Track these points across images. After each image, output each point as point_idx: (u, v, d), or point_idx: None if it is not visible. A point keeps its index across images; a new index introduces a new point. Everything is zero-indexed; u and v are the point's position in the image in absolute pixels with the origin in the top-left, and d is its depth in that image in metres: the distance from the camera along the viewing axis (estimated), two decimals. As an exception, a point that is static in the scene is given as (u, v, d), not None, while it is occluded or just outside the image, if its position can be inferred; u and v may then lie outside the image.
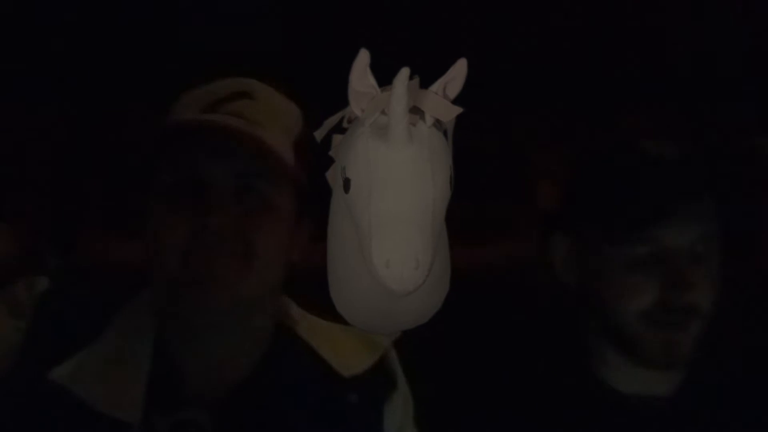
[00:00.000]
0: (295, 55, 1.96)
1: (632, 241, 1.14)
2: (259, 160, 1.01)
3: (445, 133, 0.64)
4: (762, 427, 1.17)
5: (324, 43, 1.89)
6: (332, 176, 0.66)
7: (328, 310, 1.13)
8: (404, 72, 0.58)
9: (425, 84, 0.63)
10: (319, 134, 0.64)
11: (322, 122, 0.68)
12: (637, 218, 1.12)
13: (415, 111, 0.62)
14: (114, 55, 1.94)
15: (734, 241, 1.18)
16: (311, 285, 1.13)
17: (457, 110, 0.62)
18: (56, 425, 1.00)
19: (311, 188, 1.08)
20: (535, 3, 1.88)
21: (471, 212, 1.84)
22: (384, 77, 0.61)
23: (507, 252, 1.70)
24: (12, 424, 1.00)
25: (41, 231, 1.89)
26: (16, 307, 1.06)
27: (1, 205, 1.90)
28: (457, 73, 0.63)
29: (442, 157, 0.62)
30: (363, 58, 0.60)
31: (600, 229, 1.16)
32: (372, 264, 0.61)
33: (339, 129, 0.65)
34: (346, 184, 0.62)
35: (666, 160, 1.16)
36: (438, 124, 0.63)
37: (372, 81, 0.61)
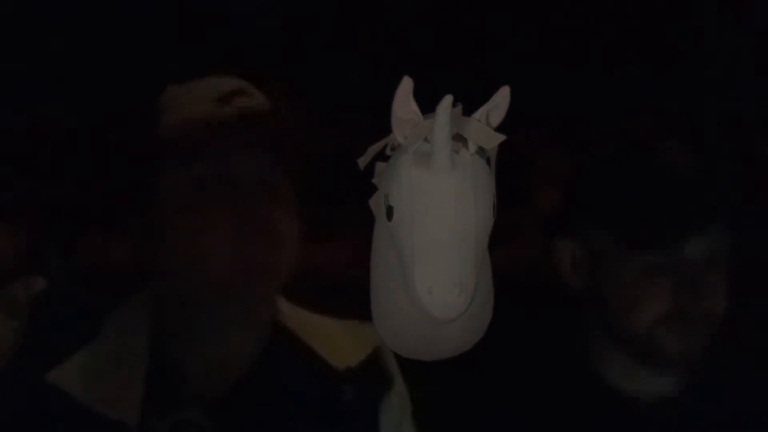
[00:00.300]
0: (295, 55, 1.95)
1: (648, 250, 1.14)
2: (277, 157, 1.01)
3: (488, 161, 0.64)
4: (764, 427, 1.18)
5: (324, 43, 1.89)
6: (375, 204, 0.66)
7: (316, 306, 1.14)
8: (447, 99, 0.59)
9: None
10: (362, 161, 0.65)
11: (322, 123, 0.68)
12: (655, 227, 1.12)
13: (458, 138, 0.62)
14: (114, 56, 1.93)
15: (745, 245, 1.19)
16: (307, 288, 1.13)
17: (500, 138, 0.62)
18: (54, 426, 1.00)
19: (309, 192, 1.08)
20: (534, 3, 1.88)
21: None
22: (385, 78, 0.61)
23: (511, 254, 1.70)
24: (9, 425, 1.00)
25: (40, 231, 1.88)
26: (14, 307, 1.06)
27: (0, 205, 1.89)
28: (501, 100, 0.63)
29: (485, 184, 0.63)
30: (406, 85, 0.61)
31: (615, 237, 1.16)
32: (414, 291, 0.61)
33: (382, 156, 0.65)
34: (389, 212, 0.63)
35: (682, 167, 1.16)
36: (481, 151, 0.63)
37: (414, 107, 0.62)
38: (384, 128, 0.63)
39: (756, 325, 1.30)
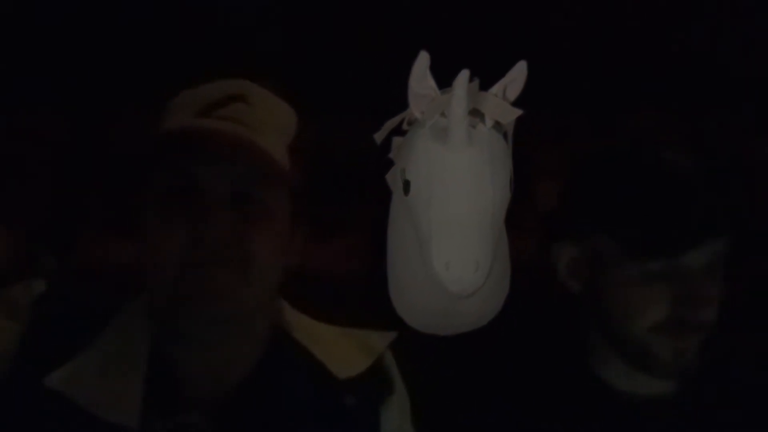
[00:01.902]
0: (295, 55, 1.96)
1: (647, 257, 1.13)
2: (254, 165, 1.01)
3: (504, 136, 0.64)
4: (761, 427, 1.18)
5: (324, 44, 1.89)
6: (392, 179, 0.66)
7: (323, 314, 1.13)
8: (464, 74, 0.58)
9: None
10: (379, 136, 0.64)
11: (321, 124, 0.68)
12: (654, 234, 1.12)
13: (475, 113, 0.62)
14: (113, 56, 1.93)
15: (743, 255, 1.19)
16: (307, 288, 1.13)
17: (517, 112, 0.62)
18: (53, 429, 0.99)
19: (307, 191, 1.08)
20: (534, 3, 1.88)
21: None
22: (383, 77, 0.61)
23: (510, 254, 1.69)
24: (9, 428, 0.99)
25: (38, 233, 1.88)
26: (14, 310, 1.06)
27: (-2, 207, 1.89)
28: (518, 74, 0.63)
29: (502, 160, 0.62)
30: (423, 59, 0.60)
31: (613, 242, 1.15)
32: (432, 266, 0.61)
33: (399, 131, 0.64)
34: (406, 187, 0.62)
35: (683, 175, 1.15)
36: (498, 126, 0.63)
37: (432, 83, 0.61)
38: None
39: (752, 332, 1.30)
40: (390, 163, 0.65)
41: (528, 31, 1.91)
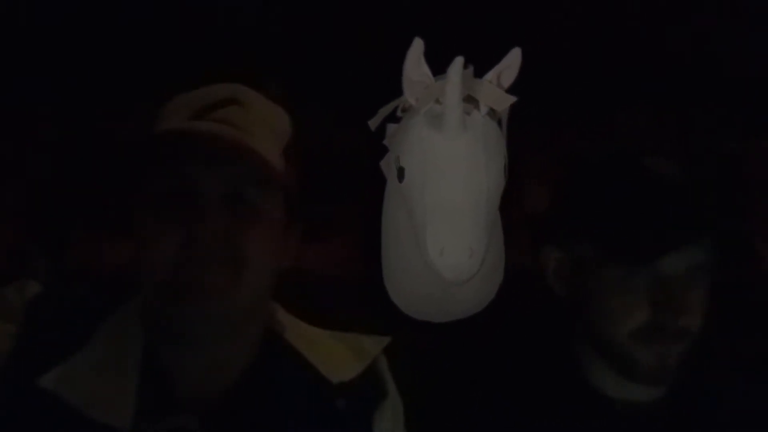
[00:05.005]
0: (290, 56, 1.96)
1: (628, 263, 1.13)
2: (247, 167, 1.01)
3: (499, 123, 0.64)
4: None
5: (319, 45, 1.90)
6: (386, 165, 0.66)
7: (316, 316, 1.13)
8: (459, 61, 0.59)
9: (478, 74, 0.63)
10: (373, 123, 0.64)
11: (319, 124, 0.68)
12: (637, 243, 1.11)
13: (470, 100, 0.62)
14: (108, 56, 1.93)
15: (725, 262, 1.18)
16: (300, 290, 1.13)
17: (511, 99, 0.62)
18: (46, 430, 0.99)
19: (300, 194, 1.08)
20: (533, 4, 1.88)
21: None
22: (381, 78, 0.62)
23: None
24: (2, 429, 0.99)
25: (32, 234, 1.88)
26: (7, 311, 1.05)
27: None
28: (512, 62, 0.63)
29: (497, 146, 0.63)
30: (417, 46, 0.61)
31: (597, 247, 1.15)
32: (426, 252, 0.61)
33: (393, 118, 0.65)
34: (401, 173, 0.63)
35: (667, 182, 1.15)
36: (492, 113, 0.63)
37: (426, 70, 0.62)
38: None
39: (735, 338, 1.30)
40: (384, 150, 0.66)
41: (522, 21, 1.90)
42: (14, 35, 1.84)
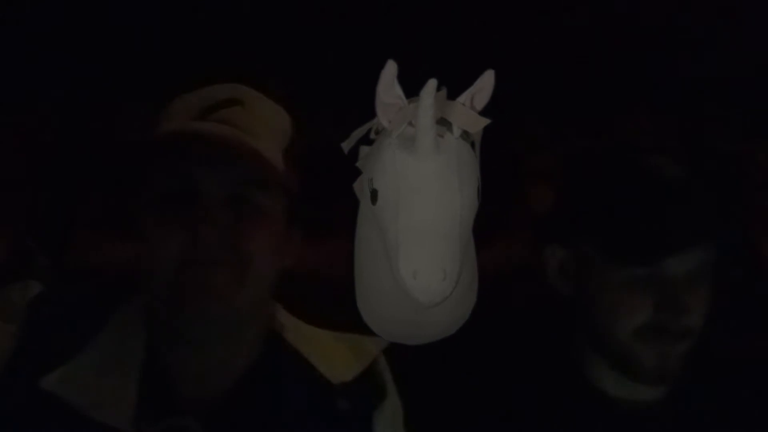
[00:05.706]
0: (290, 57, 1.96)
1: (632, 263, 1.13)
2: (250, 168, 1.01)
3: (472, 145, 0.64)
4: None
5: (319, 46, 1.89)
6: (359, 187, 0.66)
7: (317, 316, 1.13)
8: (431, 83, 0.58)
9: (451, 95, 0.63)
10: (346, 145, 0.64)
11: (319, 125, 0.68)
12: (640, 243, 1.11)
13: (443, 122, 0.62)
14: (110, 56, 1.93)
15: (728, 263, 1.18)
16: (301, 291, 1.13)
17: (485, 122, 0.62)
18: (47, 431, 0.99)
19: (302, 194, 1.08)
20: (533, 4, 1.88)
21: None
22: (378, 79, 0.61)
23: (499, 257, 1.69)
24: (3, 430, 0.99)
25: (34, 234, 1.88)
26: (9, 311, 1.06)
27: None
28: (485, 84, 0.63)
29: (470, 168, 0.62)
30: (390, 69, 0.60)
31: (601, 247, 1.15)
32: (399, 275, 0.61)
33: (366, 140, 0.64)
34: (374, 195, 0.62)
35: (672, 182, 1.15)
36: (465, 135, 0.63)
37: (399, 92, 0.61)
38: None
39: (737, 339, 1.29)
40: (358, 172, 0.65)
41: (498, 40, 1.89)
42: (16, 35, 1.84)
